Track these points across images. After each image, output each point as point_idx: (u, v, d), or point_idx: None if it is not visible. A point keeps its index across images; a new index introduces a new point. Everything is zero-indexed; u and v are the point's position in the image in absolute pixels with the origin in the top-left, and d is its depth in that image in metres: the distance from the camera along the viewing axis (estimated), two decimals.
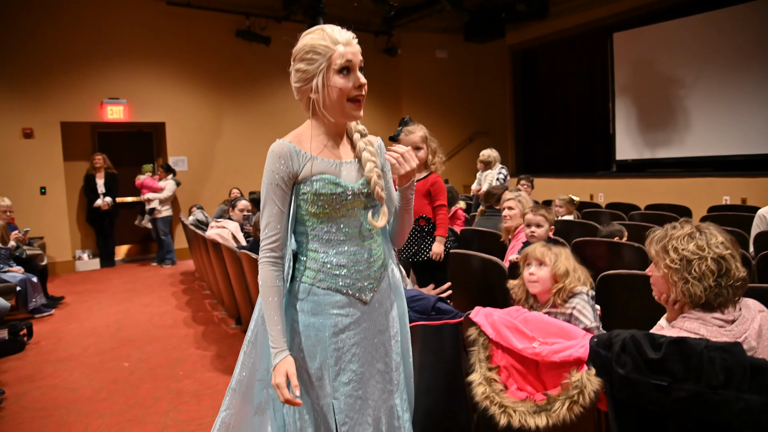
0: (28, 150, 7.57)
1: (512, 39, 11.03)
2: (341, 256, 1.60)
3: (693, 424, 1.37)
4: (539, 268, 2.20)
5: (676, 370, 1.37)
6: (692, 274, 1.52)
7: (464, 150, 11.16)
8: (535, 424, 1.61)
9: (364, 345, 1.64)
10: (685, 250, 1.54)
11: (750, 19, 7.60)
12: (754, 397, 1.27)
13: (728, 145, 7.89)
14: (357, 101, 1.55)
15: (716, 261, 1.52)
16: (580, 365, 1.58)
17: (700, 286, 1.51)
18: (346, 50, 1.51)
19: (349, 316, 1.61)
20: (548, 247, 2.24)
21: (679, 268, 1.54)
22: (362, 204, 1.62)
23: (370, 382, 1.66)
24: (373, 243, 1.67)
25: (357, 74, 1.54)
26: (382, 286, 1.70)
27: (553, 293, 2.14)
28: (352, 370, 1.62)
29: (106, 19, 8.03)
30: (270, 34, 9.08)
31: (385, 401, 1.70)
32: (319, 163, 1.58)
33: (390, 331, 1.73)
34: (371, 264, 1.65)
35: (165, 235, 8.19)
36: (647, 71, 8.92)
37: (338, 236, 1.60)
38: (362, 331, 1.64)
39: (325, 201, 1.56)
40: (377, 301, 1.68)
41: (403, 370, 1.78)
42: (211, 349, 4.30)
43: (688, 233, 1.57)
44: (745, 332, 1.48)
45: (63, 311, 5.69)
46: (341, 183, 1.57)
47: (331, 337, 1.60)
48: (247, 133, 9.32)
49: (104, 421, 3.11)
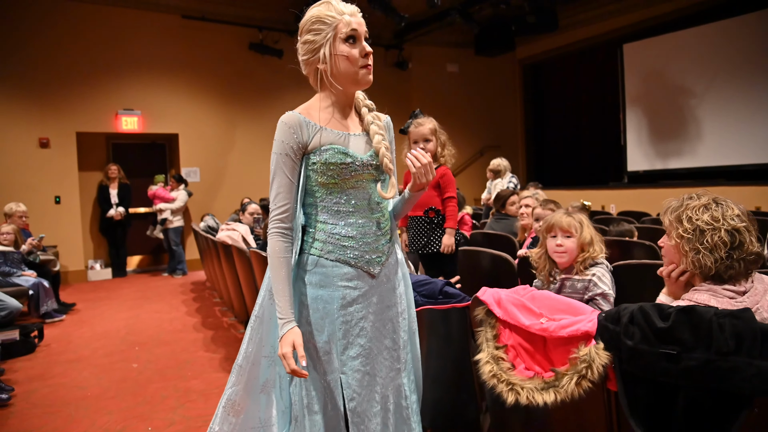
0: (44, 159, 7.70)
1: (522, 52, 11.10)
2: (350, 228, 1.61)
3: (703, 394, 1.34)
4: (566, 239, 2.22)
5: (685, 338, 1.35)
6: (704, 244, 1.50)
7: (475, 163, 11.17)
8: (543, 400, 1.58)
9: (372, 319, 1.64)
10: (699, 220, 1.52)
11: (760, 28, 7.59)
12: (765, 363, 1.24)
13: (740, 155, 7.82)
14: (367, 68, 1.58)
15: (730, 233, 1.50)
16: (588, 340, 1.55)
17: (711, 258, 1.49)
18: (352, 19, 1.54)
19: (357, 289, 1.61)
20: (571, 215, 2.25)
21: (691, 237, 1.52)
22: (371, 176, 1.64)
23: (378, 359, 1.65)
24: (381, 216, 1.68)
25: (363, 43, 1.56)
26: (389, 261, 1.70)
27: (579, 262, 2.18)
28: (360, 345, 1.61)
29: (122, 32, 8.20)
30: (283, 47, 9.21)
31: (393, 379, 1.69)
32: (327, 134, 1.59)
33: (398, 307, 1.72)
34: (379, 237, 1.66)
35: (176, 245, 8.24)
36: (658, 82, 8.91)
37: (347, 207, 1.61)
38: (370, 305, 1.64)
39: (334, 171, 1.56)
40: (385, 276, 1.68)
41: (410, 349, 1.78)
42: (220, 352, 4.29)
43: (704, 204, 1.55)
44: (757, 303, 1.46)
45: (73, 317, 5.73)
46: (350, 153, 1.58)
47: (339, 309, 1.59)
48: (260, 145, 9.42)
49: (111, 417, 3.11)
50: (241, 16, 9.10)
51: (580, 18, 9.62)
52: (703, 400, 1.34)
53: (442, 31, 10.29)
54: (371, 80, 1.60)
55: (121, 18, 8.19)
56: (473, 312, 1.89)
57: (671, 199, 1.66)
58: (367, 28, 1.60)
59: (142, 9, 8.36)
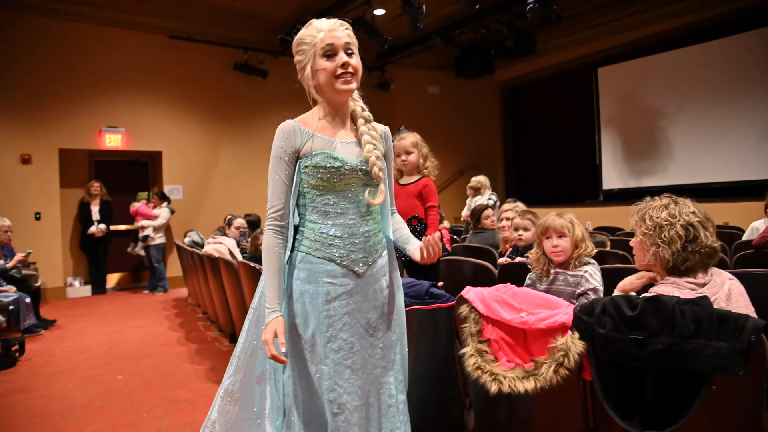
0: (26, 175, 7.67)
1: (501, 75, 11.41)
2: (337, 228, 1.70)
3: (669, 375, 1.47)
4: (560, 239, 2.38)
5: (651, 324, 1.48)
6: (662, 239, 1.65)
7: (455, 183, 11.36)
8: (524, 388, 1.69)
9: (356, 316, 1.71)
10: (658, 217, 1.67)
11: (727, 54, 7.99)
12: (721, 344, 1.37)
13: (710, 173, 8.16)
14: (344, 77, 1.67)
15: (685, 227, 1.65)
16: (564, 331, 1.67)
17: (669, 251, 1.64)
18: (327, 35, 1.66)
19: (341, 286, 1.70)
20: (562, 217, 2.41)
21: (652, 233, 1.67)
22: (360, 180, 1.73)
23: (362, 354, 1.72)
24: (370, 220, 1.77)
25: (340, 55, 1.67)
26: (378, 263, 1.78)
27: (574, 258, 2.36)
28: (342, 339, 1.69)
29: (108, 49, 8.27)
30: (267, 67, 9.36)
31: (378, 376, 1.75)
32: (318, 140, 1.71)
33: (385, 308, 1.79)
34: (367, 239, 1.74)
35: (158, 262, 8.22)
36: (631, 104, 9.26)
37: (335, 208, 1.71)
38: (354, 303, 1.71)
39: (323, 174, 1.68)
40: (372, 276, 1.76)
41: (399, 351, 1.85)
42: (205, 364, 4.32)
43: (664, 204, 1.71)
44: (716, 294, 1.60)
45: (54, 332, 5.68)
46: (339, 158, 1.69)
47: (324, 304, 1.68)
48: (243, 164, 9.49)
49: (99, 426, 3.12)
50: (226, 37, 9.23)
51: (556, 43, 9.96)
52: (669, 381, 1.47)
53: (424, 54, 10.55)
54: (349, 89, 1.69)
55: (107, 36, 8.26)
56: (458, 310, 2.01)
57: (638, 202, 1.81)
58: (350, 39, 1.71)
59: (129, 28, 8.45)
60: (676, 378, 1.45)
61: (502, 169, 11.97)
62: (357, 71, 1.70)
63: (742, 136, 7.85)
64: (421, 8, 7.17)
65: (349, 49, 1.69)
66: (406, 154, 3.26)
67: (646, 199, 1.79)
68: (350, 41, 1.70)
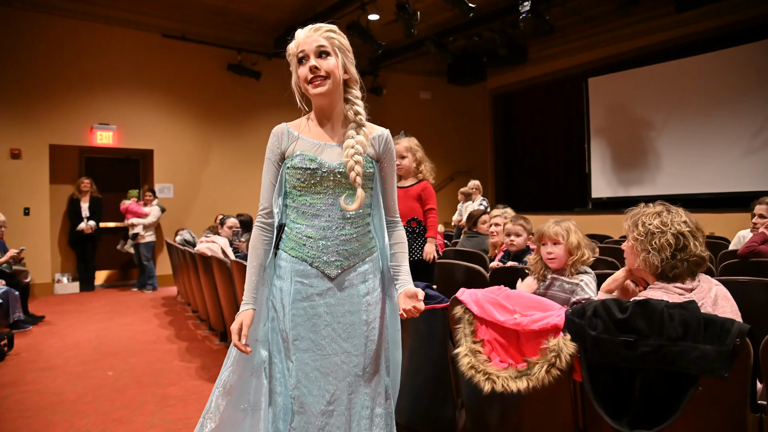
0: (15, 170, 7.62)
1: (493, 82, 11.52)
2: (311, 229, 1.72)
3: (657, 376, 1.53)
4: (555, 246, 2.45)
5: (640, 327, 1.54)
6: (653, 245, 1.71)
7: (446, 188, 11.44)
8: (517, 387, 1.74)
9: (327, 320, 1.71)
10: (650, 224, 1.74)
11: (715, 67, 8.16)
12: (707, 347, 1.44)
13: (696, 184, 8.32)
14: (314, 81, 1.69)
15: (675, 236, 1.71)
16: (556, 332, 1.73)
17: (659, 257, 1.71)
18: (298, 43, 1.71)
19: (312, 287, 1.72)
20: (559, 224, 2.47)
21: (643, 240, 1.74)
22: (339, 183, 1.72)
23: (333, 359, 1.70)
24: (349, 224, 1.74)
25: (310, 60, 1.68)
26: (358, 268, 1.75)
27: (569, 264, 2.42)
28: (310, 339, 1.70)
29: (102, 47, 8.25)
30: (260, 69, 9.39)
31: (351, 385, 1.71)
32: (302, 143, 1.76)
33: (362, 315, 1.75)
34: (343, 242, 1.73)
35: (147, 260, 8.19)
36: (620, 114, 9.41)
37: (312, 210, 1.73)
38: (326, 306, 1.72)
39: (301, 175, 1.71)
40: (347, 281, 1.74)
41: (383, 363, 1.80)
42: (196, 362, 4.33)
43: (657, 211, 1.78)
44: (703, 299, 1.66)
45: (42, 328, 5.66)
46: (317, 160, 1.71)
47: (292, 303, 1.72)
48: (234, 164, 9.50)
49: (90, 420, 3.13)
50: (220, 37, 9.25)
51: (548, 52, 10.10)
52: (657, 382, 1.53)
53: (417, 60, 10.64)
54: (320, 91, 1.69)
55: (101, 34, 8.25)
56: (452, 311, 2.06)
57: (633, 207, 1.88)
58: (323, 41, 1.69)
59: (123, 26, 8.44)
60: (664, 379, 1.51)
61: (492, 176, 12.08)
62: (330, 71, 1.68)
63: (728, 148, 8.02)
64: (416, 14, 7.25)
65: (322, 51, 1.69)
66: (399, 159, 3.33)
67: (640, 204, 1.86)
68: (323, 43, 1.69)
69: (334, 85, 1.71)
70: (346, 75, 1.77)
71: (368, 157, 1.77)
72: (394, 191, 1.87)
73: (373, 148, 1.81)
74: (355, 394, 1.72)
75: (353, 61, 1.80)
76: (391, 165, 1.86)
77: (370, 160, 1.78)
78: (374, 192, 1.83)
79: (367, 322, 1.75)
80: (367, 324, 1.75)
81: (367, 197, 1.77)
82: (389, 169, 1.85)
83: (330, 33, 1.72)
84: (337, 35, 1.74)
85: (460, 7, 6.82)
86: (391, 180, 1.86)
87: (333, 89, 1.72)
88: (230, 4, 8.55)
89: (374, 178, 1.81)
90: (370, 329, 1.76)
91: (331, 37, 1.71)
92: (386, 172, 1.84)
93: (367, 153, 1.76)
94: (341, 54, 1.72)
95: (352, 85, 1.82)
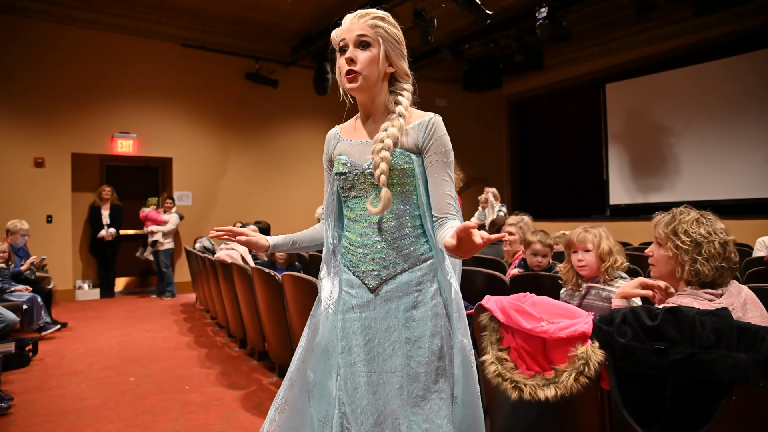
0: (38, 179, 7.76)
1: (509, 89, 11.51)
2: (353, 235, 1.65)
3: (688, 384, 1.51)
4: (586, 253, 2.43)
5: (671, 335, 1.52)
6: (702, 255, 1.71)
7: (462, 195, 11.40)
8: (545, 395, 1.73)
9: (371, 334, 1.60)
10: (695, 233, 1.74)
11: (735, 73, 8.08)
12: (741, 355, 1.42)
13: (717, 191, 8.21)
14: (347, 75, 1.54)
15: (722, 245, 1.71)
16: (584, 340, 1.71)
17: (708, 266, 1.70)
18: (338, 31, 1.58)
19: (356, 297, 1.63)
20: (588, 231, 2.45)
21: (689, 249, 1.73)
22: (373, 185, 1.59)
23: (377, 378, 1.57)
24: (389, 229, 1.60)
25: (349, 51, 1.54)
26: (399, 279, 1.59)
27: (602, 271, 2.40)
28: (358, 352, 1.61)
29: (123, 57, 8.40)
30: (278, 77, 9.47)
31: (400, 407, 1.55)
32: (342, 144, 1.68)
33: (403, 332, 1.57)
34: (379, 250, 1.59)
35: (166, 267, 8.28)
36: (639, 120, 9.33)
37: (353, 214, 1.65)
38: (368, 319, 1.60)
39: (340, 180, 1.65)
40: (388, 294, 1.59)
41: (445, 389, 1.58)
42: (216, 368, 4.35)
43: (696, 219, 1.77)
44: (732, 303, 1.65)
45: (65, 333, 5.74)
46: (348, 162, 1.62)
47: (341, 312, 1.66)
48: (252, 172, 9.59)
49: (114, 426, 3.17)
50: (238, 46, 9.36)
51: (565, 58, 10.06)
52: (689, 391, 1.51)
53: (433, 67, 10.66)
54: (349, 88, 1.56)
55: (121, 44, 8.39)
56: (477, 318, 2.05)
57: (660, 212, 1.87)
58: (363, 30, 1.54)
59: (143, 36, 8.59)
60: (696, 388, 1.49)
61: (508, 183, 12.04)
62: (364, 64, 1.52)
63: (748, 154, 7.91)
64: (433, 22, 7.27)
65: (362, 41, 1.53)
66: None
67: (672, 210, 1.86)
68: (364, 32, 1.53)
69: (368, 82, 1.54)
70: (391, 68, 1.59)
71: (405, 151, 1.57)
72: (444, 186, 1.59)
73: (413, 138, 1.58)
74: (403, 419, 1.53)
75: (403, 54, 1.61)
76: (440, 154, 1.58)
77: (408, 154, 1.57)
78: (417, 190, 1.60)
79: (410, 340, 1.56)
80: (411, 342, 1.56)
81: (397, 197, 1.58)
82: (436, 159, 1.58)
83: (376, 20, 1.54)
84: (384, 24, 1.55)
85: (477, 14, 6.83)
86: (438, 173, 1.58)
87: (368, 86, 1.55)
88: (248, 14, 8.66)
89: (414, 174, 1.58)
90: (415, 348, 1.56)
91: (377, 25, 1.54)
92: (432, 163, 1.58)
93: (403, 146, 1.57)
94: (385, 44, 1.55)
95: (400, 78, 1.65)
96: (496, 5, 7.67)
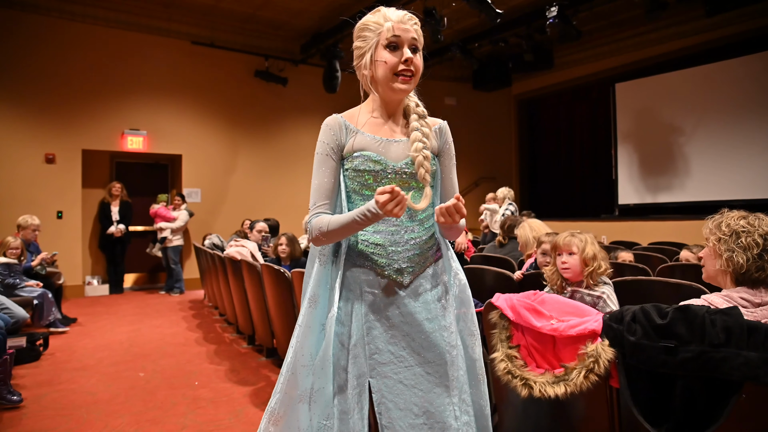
0: (49, 175, 7.83)
1: (518, 88, 11.48)
2: (378, 235, 1.60)
3: (698, 382, 1.51)
4: (569, 256, 2.44)
5: (681, 333, 1.52)
6: (739, 244, 1.72)
7: (470, 194, 11.41)
8: (555, 393, 1.74)
9: (405, 330, 1.60)
10: (736, 225, 1.76)
11: (746, 71, 8.02)
12: (751, 353, 1.41)
13: (727, 191, 8.16)
14: (404, 75, 1.56)
15: (763, 237, 1.71)
16: (594, 338, 1.72)
17: (744, 256, 1.71)
18: (394, 25, 1.55)
19: (385, 297, 1.60)
20: (574, 235, 2.46)
21: (727, 239, 1.75)
22: (405, 183, 1.61)
23: (416, 369, 1.59)
24: (417, 226, 1.64)
25: (404, 50, 1.56)
26: (428, 272, 1.65)
27: (586, 275, 2.40)
28: (390, 352, 1.58)
29: (132, 54, 8.45)
30: (287, 75, 9.50)
31: (439, 396, 1.59)
32: (362, 138, 1.61)
33: (440, 321, 1.64)
34: (412, 247, 1.62)
35: (175, 264, 8.32)
36: (648, 120, 9.29)
37: None
38: (401, 315, 1.60)
39: (365, 178, 1.58)
40: (421, 287, 1.63)
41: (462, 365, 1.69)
42: (225, 365, 4.38)
43: (742, 215, 1.79)
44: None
45: (75, 329, 5.79)
46: (381, 160, 1.59)
47: (365, 315, 1.60)
48: (261, 170, 9.62)
49: (124, 420, 3.20)
50: (248, 44, 9.40)
51: (574, 57, 10.03)
52: (698, 389, 1.51)
53: (442, 66, 10.66)
54: (405, 89, 1.58)
55: (132, 41, 8.45)
56: (487, 316, 2.06)
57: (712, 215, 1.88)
58: (417, 35, 1.58)
59: (154, 34, 8.64)
60: (706, 386, 1.49)
61: (517, 182, 12.02)
62: (418, 71, 1.59)
63: (760, 153, 7.86)
64: (443, 20, 7.26)
65: (414, 45, 1.58)
66: None
67: (723, 210, 1.87)
68: (417, 37, 1.59)
69: (416, 83, 1.62)
70: None
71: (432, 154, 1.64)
72: (454, 186, 1.74)
73: (434, 141, 1.69)
74: (446, 407, 1.59)
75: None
76: (451, 158, 1.74)
77: (433, 156, 1.65)
78: (435, 189, 1.68)
79: (446, 327, 1.64)
80: (447, 329, 1.64)
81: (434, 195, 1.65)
82: (449, 162, 1.73)
83: (418, 27, 1.61)
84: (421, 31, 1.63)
85: (487, 13, 6.82)
86: (451, 174, 1.74)
87: (413, 87, 1.62)
88: (258, 12, 8.69)
89: (438, 175, 1.69)
90: (450, 334, 1.65)
91: (420, 32, 1.61)
92: (446, 165, 1.72)
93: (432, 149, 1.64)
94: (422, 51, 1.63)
95: None
96: (506, 4, 7.66)
